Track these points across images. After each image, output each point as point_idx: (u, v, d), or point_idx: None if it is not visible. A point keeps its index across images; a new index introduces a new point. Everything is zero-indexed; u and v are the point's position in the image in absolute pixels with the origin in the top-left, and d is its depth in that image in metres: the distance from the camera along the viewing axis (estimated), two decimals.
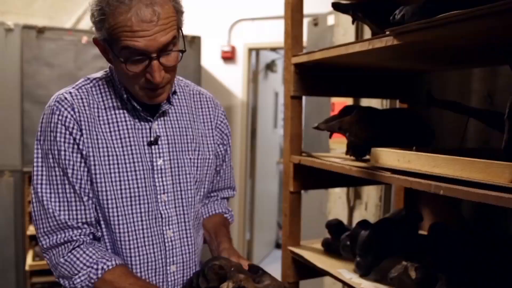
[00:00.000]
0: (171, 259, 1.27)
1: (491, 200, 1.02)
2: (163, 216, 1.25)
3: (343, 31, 2.64)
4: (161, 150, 1.26)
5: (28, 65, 3.74)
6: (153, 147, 1.25)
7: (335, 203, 2.72)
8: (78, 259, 1.16)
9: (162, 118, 1.29)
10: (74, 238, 1.18)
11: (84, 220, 1.19)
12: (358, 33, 2.43)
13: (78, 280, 1.16)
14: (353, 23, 1.65)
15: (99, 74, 1.29)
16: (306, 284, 3.42)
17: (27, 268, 3.63)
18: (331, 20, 2.94)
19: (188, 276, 1.29)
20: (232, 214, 1.56)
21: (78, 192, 1.18)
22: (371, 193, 2.42)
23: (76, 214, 1.18)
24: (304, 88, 1.77)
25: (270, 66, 5.66)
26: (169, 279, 1.27)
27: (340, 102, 2.58)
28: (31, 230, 3.73)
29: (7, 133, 3.71)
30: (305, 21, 3.45)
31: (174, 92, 1.33)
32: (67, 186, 1.18)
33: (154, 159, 1.25)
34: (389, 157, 1.34)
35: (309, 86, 1.79)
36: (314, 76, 1.78)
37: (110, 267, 1.16)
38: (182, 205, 1.29)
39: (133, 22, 1.05)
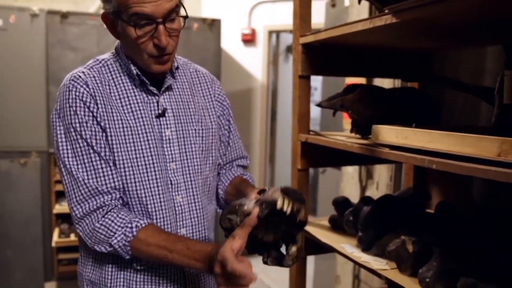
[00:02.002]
0: (181, 223, 1.35)
1: (479, 174, 1.04)
2: (173, 182, 1.34)
3: (357, 12, 2.64)
4: (168, 122, 1.34)
5: (53, 49, 3.86)
6: (161, 119, 1.33)
7: (348, 182, 2.76)
8: (112, 221, 1.24)
9: (167, 93, 1.37)
10: (106, 203, 1.25)
11: (113, 185, 1.27)
12: (372, 14, 2.43)
13: (115, 241, 1.23)
14: (359, 3, 1.67)
15: (107, 55, 1.37)
16: (320, 263, 3.48)
17: (53, 244, 3.79)
18: (347, 1, 2.94)
19: (197, 238, 1.38)
20: (251, 176, 1.61)
21: (105, 158, 1.26)
22: (382, 173, 2.45)
23: (105, 180, 1.26)
24: (311, 67, 1.80)
25: (291, 49, 5.66)
26: None
27: (355, 83, 2.59)
28: (57, 208, 3.89)
29: (33, 115, 3.85)
30: (323, 3, 3.47)
31: (177, 68, 1.41)
32: (92, 155, 1.25)
33: (163, 130, 1.33)
34: (388, 133, 1.37)
35: (317, 66, 1.82)
36: (322, 56, 1.81)
37: (143, 225, 1.24)
38: (189, 173, 1.37)
39: None
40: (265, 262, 1.21)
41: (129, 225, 1.23)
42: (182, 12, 1.27)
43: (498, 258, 1.35)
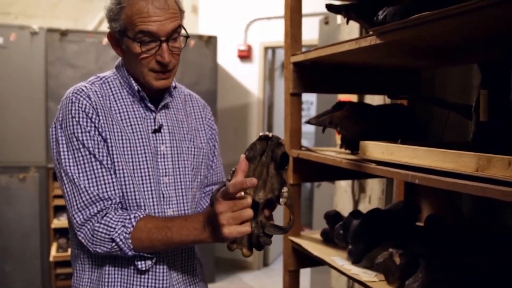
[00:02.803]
0: None
1: (459, 188, 1.10)
2: (165, 196, 1.39)
3: (349, 30, 2.71)
4: (163, 138, 1.41)
5: (52, 66, 3.93)
6: (157, 134, 1.40)
7: (341, 196, 2.80)
8: (111, 219, 1.28)
9: (163, 110, 1.44)
10: (106, 206, 1.30)
11: (113, 192, 1.31)
12: (362, 32, 2.50)
13: (116, 234, 1.26)
14: (347, 23, 1.73)
15: (107, 73, 1.45)
16: (316, 276, 3.51)
17: (51, 259, 3.82)
18: (339, 19, 3.01)
19: (186, 251, 1.43)
20: None
21: (106, 167, 1.31)
22: (374, 187, 2.50)
23: (106, 187, 1.30)
24: (303, 85, 1.86)
25: None
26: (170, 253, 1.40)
27: (347, 100, 2.65)
28: (55, 223, 3.92)
29: (32, 131, 3.91)
30: (317, 20, 3.55)
31: (175, 87, 1.48)
32: (94, 164, 1.30)
33: (158, 145, 1.39)
34: (375, 149, 1.42)
35: (308, 83, 1.88)
36: (312, 73, 1.87)
37: (141, 216, 1.29)
38: (181, 188, 1.42)
39: (149, 8, 1.26)
40: (263, 235, 1.16)
41: (128, 217, 1.27)
42: (183, 32, 1.35)
43: (483, 270, 1.39)
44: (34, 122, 3.91)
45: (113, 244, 1.27)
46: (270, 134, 1.15)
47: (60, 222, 3.90)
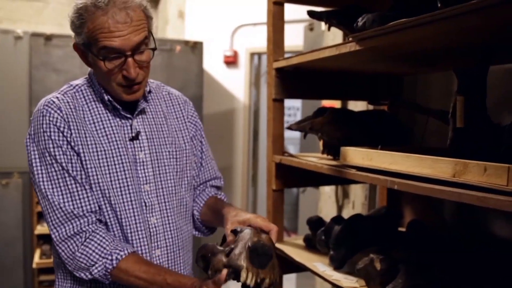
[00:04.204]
0: (156, 244, 1.38)
1: (436, 194, 1.10)
2: (147, 204, 1.37)
3: (333, 36, 2.73)
4: (142, 145, 1.39)
5: (36, 71, 3.89)
6: (134, 142, 1.38)
7: (325, 202, 2.81)
8: (93, 251, 1.27)
9: (140, 116, 1.41)
10: (84, 229, 1.28)
11: (88, 208, 1.29)
12: (346, 38, 2.51)
13: (96, 270, 1.26)
14: (329, 29, 1.75)
15: (80, 80, 1.41)
16: (302, 282, 3.51)
17: (34, 266, 3.76)
18: (323, 25, 3.02)
19: (172, 259, 1.42)
20: (225, 195, 1.64)
21: (80, 182, 1.29)
22: (357, 192, 2.51)
23: (80, 203, 1.29)
24: (285, 91, 1.87)
25: None
26: (154, 262, 1.38)
27: (330, 106, 2.66)
28: (38, 229, 3.87)
29: (15, 136, 3.85)
30: (302, 26, 3.57)
31: (150, 91, 1.45)
32: (67, 179, 1.28)
33: (137, 153, 1.37)
34: (355, 155, 1.43)
35: (291, 89, 1.89)
36: (295, 79, 1.88)
37: (124, 256, 1.27)
38: (163, 194, 1.40)
39: (110, 24, 1.20)
40: None
41: (109, 257, 1.26)
42: (152, 43, 1.31)
43: (462, 274, 1.40)
44: (17, 127, 3.86)
45: (91, 277, 1.28)
46: (253, 281, 1.14)
47: (44, 228, 3.85)
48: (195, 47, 4.33)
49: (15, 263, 3.85)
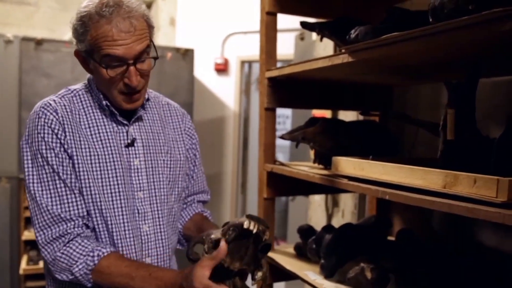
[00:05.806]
0: (147, 252, 1.39)
1: (427, 204, 1.13)
2: (140, 211, 1.37)
3: (324, 46, 2.76)
4: (137, 152, 1.39)
5: (27, 75, 3.87)
6: (130, 148, 1.38)
7: (315, 210, 2.83)
8: (74, 250, 1.26)
9: (137, 123, 1.42)
10: (69, 231, 1.28)
11: (76, 212, 1.29)
12: (337, 48, 2.54)
13: (76, 269, 1.26)
14: (321, 40, 1.77)
15: (79, 86, 1.42)
16: None
17: (21, 272, 3.73)
18: (314, 35, 3.05)
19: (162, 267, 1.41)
20: (210, 213, 1.66)
21: (69, 186, 1.29)
22: (347, 201, 2.53)
23: (69, 207, 1.29)
24: (277, 100, 1.89)
25: None
26: None
27: (321, 115, 2.69)
28: (26, 235, 3.84)
29: (4, 140, 3.83)
30: (293, 35, 3.59)
31: (148, 99, 1.46)
32: (57, 182, 1.28)
33: (131, 160, 1.38)
34: (347, 165, 1.44)
35: (282, 99, 1.90)
36: (287, 89, 1.89)
37: (105, 254, 1.27)
38: (156, 202, 1.41)
39: (113, 32, 1.22)
40: None
41: (91, 254, 1.26)
42: (153, 52, 1.32)
43: (451, 283, 1.42)
44: (6, 132, 3.84)
45: (72, 277, 1.27)
46: (256, 229, 1.17)
47: (31, 234, 3.82)
48: (186, 54, 4.34)
49: (2, 269, 3.81)
